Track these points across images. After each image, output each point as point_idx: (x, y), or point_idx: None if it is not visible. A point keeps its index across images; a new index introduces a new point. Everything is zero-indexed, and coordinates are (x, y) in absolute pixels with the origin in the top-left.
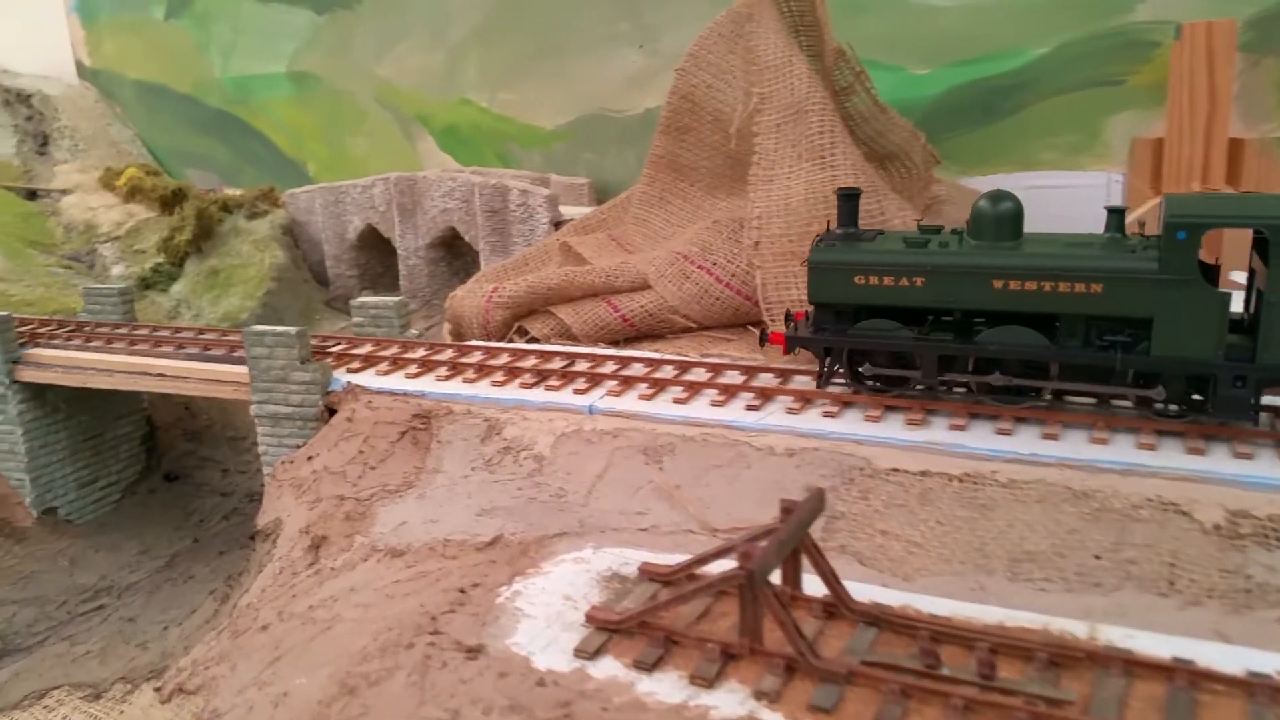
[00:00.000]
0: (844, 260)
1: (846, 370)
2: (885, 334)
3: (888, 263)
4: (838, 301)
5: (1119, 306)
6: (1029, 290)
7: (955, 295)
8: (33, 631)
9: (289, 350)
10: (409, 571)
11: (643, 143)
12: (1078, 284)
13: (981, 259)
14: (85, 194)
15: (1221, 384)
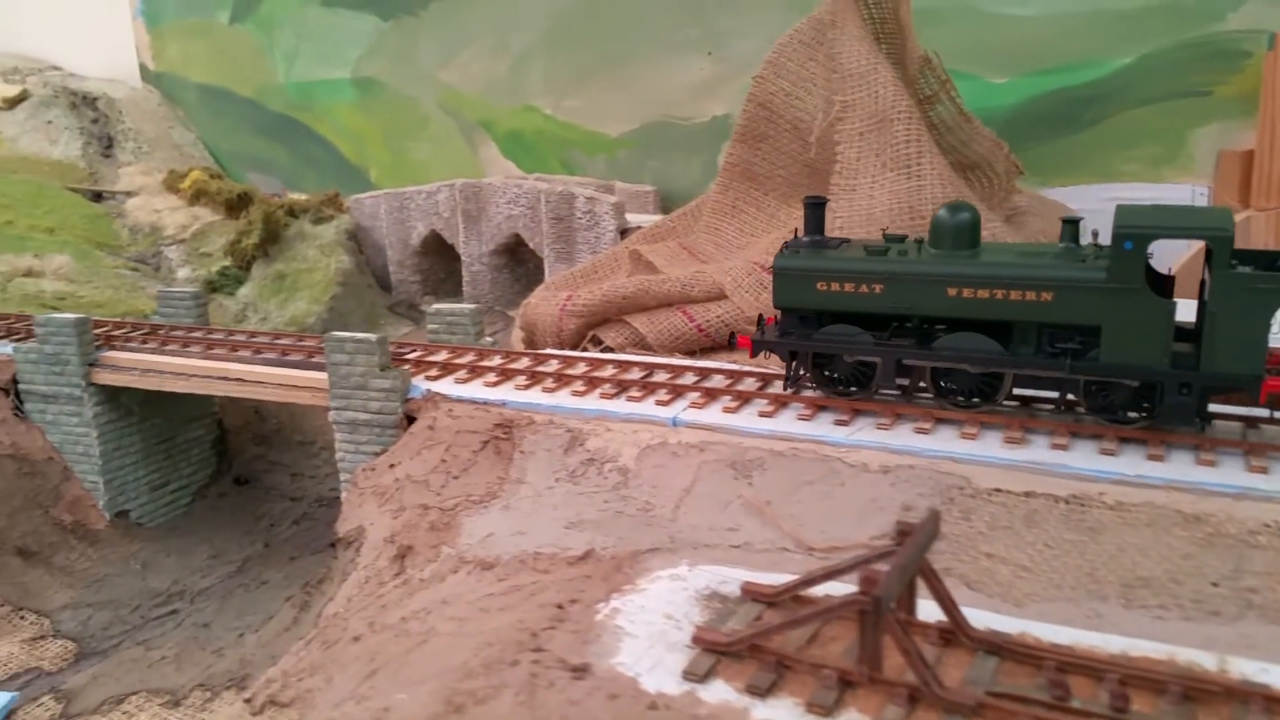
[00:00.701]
0: (807, 267)
1: (810, 373)
2: (847, 339)
3: (848, 269)
4: (802, 306)
5: (1068, 314)
6: (982, 298)
7: (912, 302)
8: (107, 635)
9: (369, 357)
10: (501, 585)
11: (709, 150)
12: (1029, 292)
13: (936, 267)
14: (150, 196)
15: (1168, 391)
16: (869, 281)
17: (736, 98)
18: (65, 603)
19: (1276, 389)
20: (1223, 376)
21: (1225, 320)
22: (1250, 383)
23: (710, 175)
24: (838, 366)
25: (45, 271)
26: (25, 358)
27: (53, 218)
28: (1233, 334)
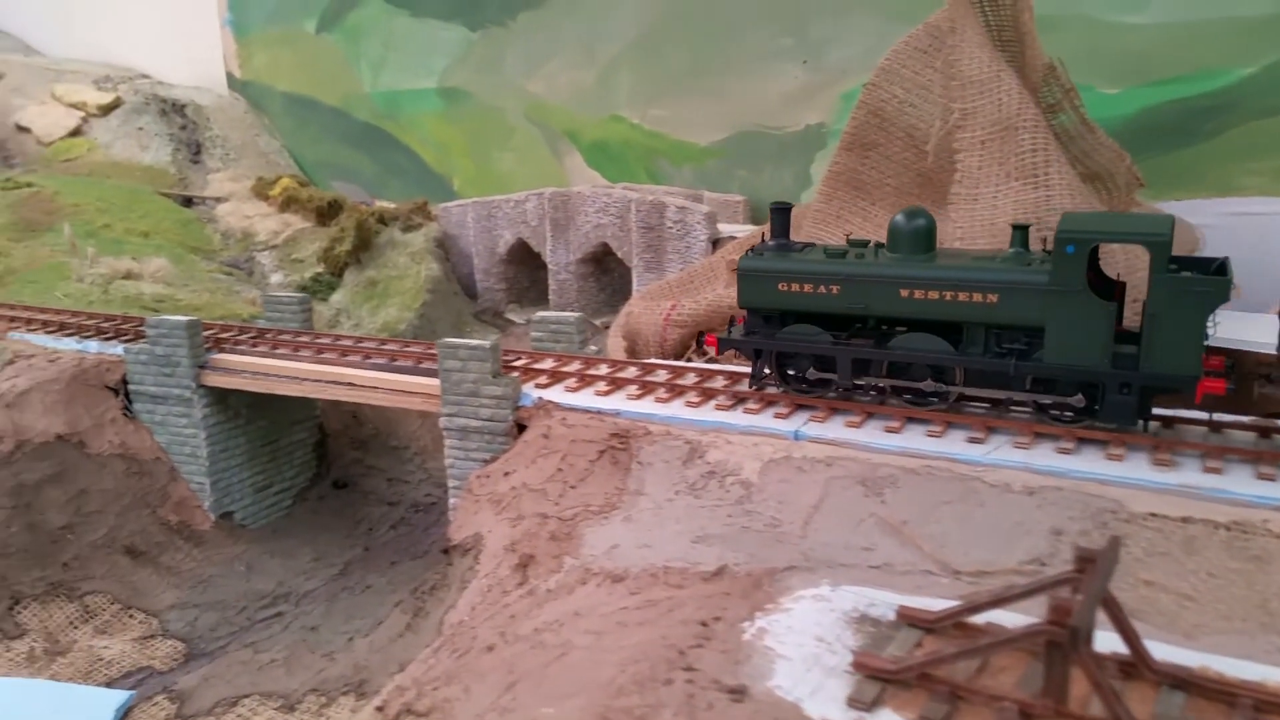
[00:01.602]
0: (769, 268)
1: (775, 371)
2: (807, 338)
3: (807, 271)
4: (765, 307)
5: (1013, 315)
6: (933, 299)
7: (867, 302)
8: (215, 636)
9: (482, 364)
10: (635, 599)
11: (801, 160)
12: (975, 294)
13: (889, 269)
14: (240, 202)
15: (1109, 390)
16: (827, 283)
17: (832, 106)
18: (173, 602)
19: (1212, 389)
20: (1161, 377)
21: (1163, 322)
22: (1187, 383)
23: (803, 185)
24: (799, 365)
25: (144, 274)
26: (135, 359)
27: (147, 222)
28: (1170, 335)
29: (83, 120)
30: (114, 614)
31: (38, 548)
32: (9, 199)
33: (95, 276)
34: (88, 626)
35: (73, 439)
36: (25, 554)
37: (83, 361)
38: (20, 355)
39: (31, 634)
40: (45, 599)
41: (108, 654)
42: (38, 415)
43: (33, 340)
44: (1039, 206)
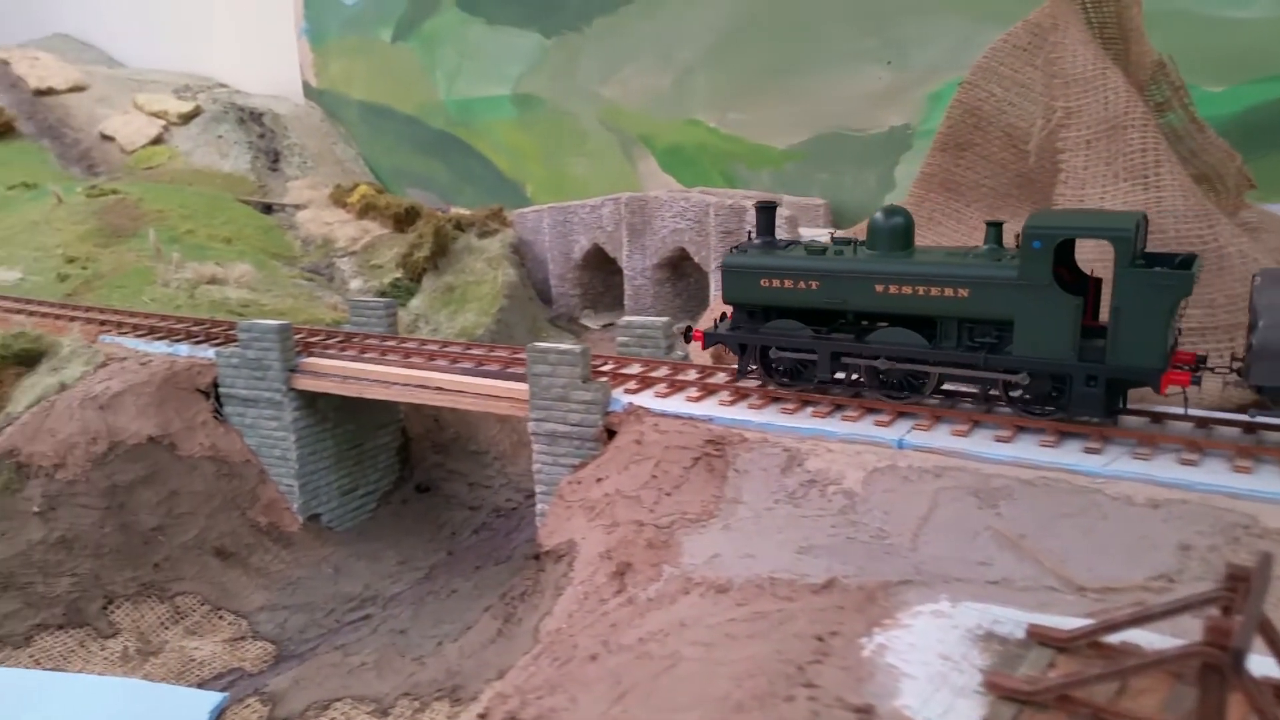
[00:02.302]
0: (752, 264)
1: (759, 365)
2: (789, 333)
3: (787, 267)
4: (748, 302)
5: (983, 309)
6: (907, 294)
7: (844, 297)
8: (304, 638)
9: (571, 369)
10: (742, 610)
11: (885, 162)
12: (947, 288)
13: (864, 264)
14: (318, 209)
15: (1076, 382)
16: (806, 278)
17: (918, 107)
18: (262, 604)
19: (1177, 381)
20: (1127, 369)
21: (1128, 315)
22: (1151, 375)
23: (886, 187)
24: (782, 358)
25: (228, 279)
26: (227, 362)
27: (229, 228)
28: (1135, 328)
29: (164, 129)
30: (204, 615)
31: (130, 548)
32: (95, 206)
33: (181, 281)
34: (178, 627)
35: (164, 441)
36: (118, 554)
37: (174, 365)
38: (112, 358)
39: (124, 634)
40: (137, 599)
41: (199, 655)
42: (130, 417)
43: (124, 343)
44: (1149, 208)
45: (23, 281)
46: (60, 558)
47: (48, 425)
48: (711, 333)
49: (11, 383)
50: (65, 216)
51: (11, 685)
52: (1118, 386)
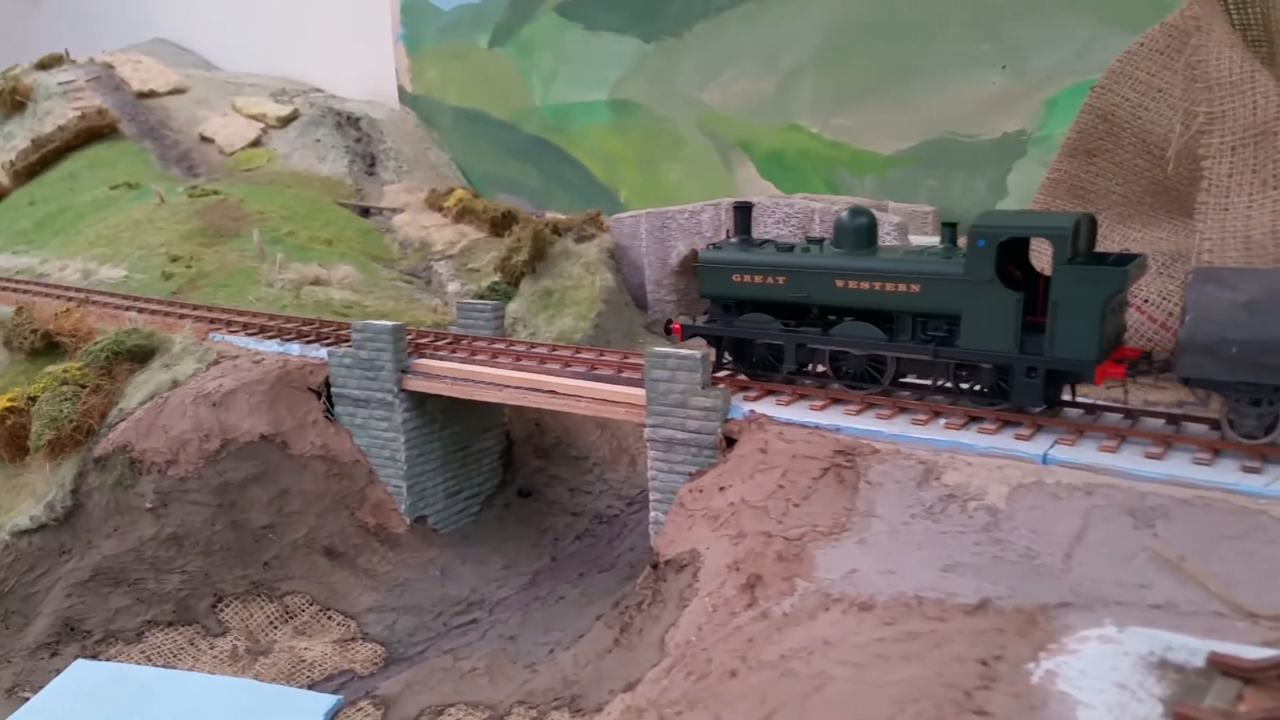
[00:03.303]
0: (725, 260)
1: (733, 357)
2: (760, 326)
3: (756, 262)
4: (722, 296)
5: (933, 304)
6: (865, 289)
7: (808, 292)
8: (413, 641)
9: (691, 374)
10: (891, 630)
11: (997, 169)
12: (900, 284)
13: (825, 260)
14: (415, 213)
15: (1017, 374)
16: (774, 274)
17: (1034, 113)
18: (370, 605)
19: (1111, 374)
20: (1064, 361)
21: (1064, 309)
22: (1086, 367)
23: (998, 195)
24: (754, 350)
25: (331, 280)
26: (340, 362)
27: (329, 230)
28: (1071, 322)
29: (262, 131)
30: (313, 615)
31: (241, 546)
32: (196, 206)
33: (285, 281)
34: (287, 627)
35: (276, 439)
36: (228, 552)
37: (287, 363)
38: (224, 356)
39: (233, 632)
40: (246, 598)
41: (309, 655)
42: (243, 415)
43: (234, 341)
44: None
45: (128, 279)
46: (171, 554)
47: (161, 421)
48: (689, 325)
49: (124, 379)
50: (168, 216)
51: (129, 681)
52: (1057, 378)
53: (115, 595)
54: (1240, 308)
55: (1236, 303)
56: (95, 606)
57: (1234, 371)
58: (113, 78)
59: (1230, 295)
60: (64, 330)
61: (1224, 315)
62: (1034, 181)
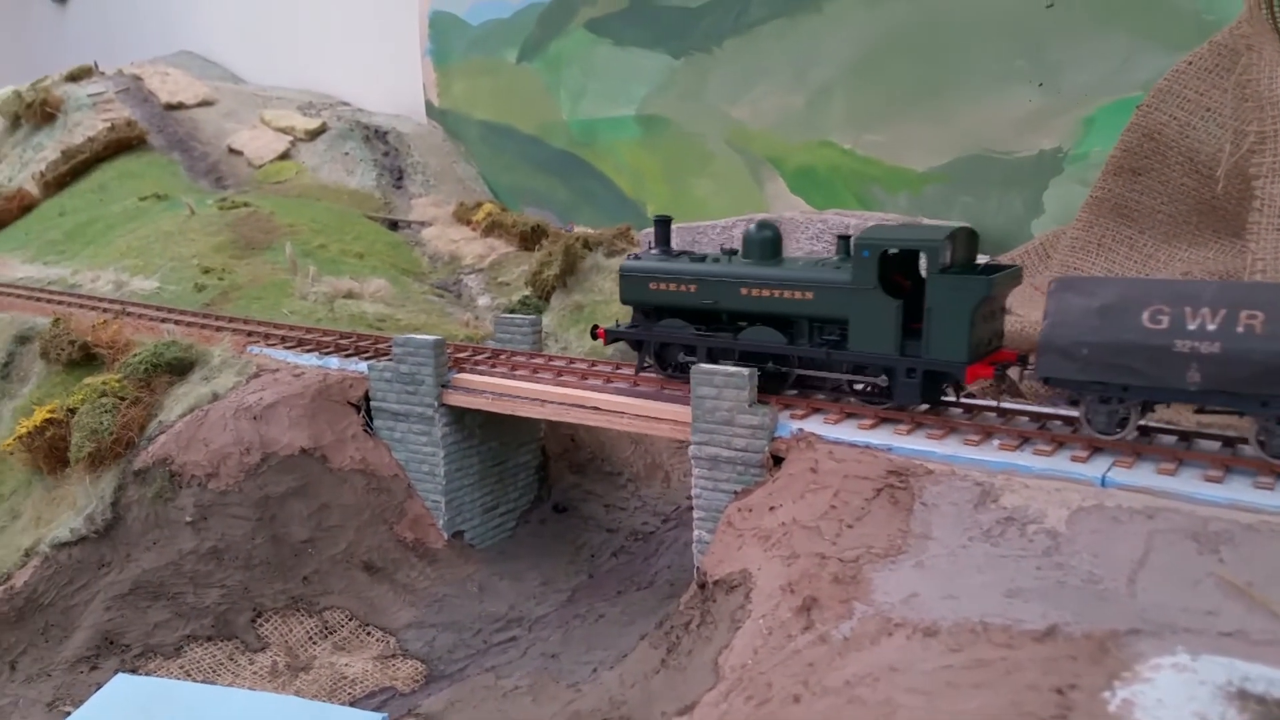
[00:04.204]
0: (642, 269)
1: (654, 361)
2: (675, 331)
3: (670, 271)
4: (641, 303)
5: (825, 310)
6: (767, 296)
7: (716, 299)
8: (453, 658)
9: (738, 391)
10: (959, 657)
11: (1033, 186)
12: (796, 292)
13: (732, 269)
14: (444, 227)
15: (898, 375)
16: (685, 282)
17: (1071, 131)
18: (409, 621)
19: (981, 374)
20: (938, 362)
21: (937, 315)
22: (958, 368)
23: (1034, 212)
24: (671, 354)
25: (364, 294)
26: (380, 376)
27: (360, 244)
28: (943, 327)
29: (291, 144)
30: (352, 630)
31: (280, 560)
32: (227, 218)
33: (318, 295)
34: (327, 642)
35: (316, 453)
36: (268, 566)
37: (327, 377)
38: (264, 369)
39: (273, 647)
40: (286, 612)
41: (350, 672)
42: (283, 429)
43: (272, 354)
44: None
45: (160, 291)
46: (210, 568)
47: (201, 435)
48: (612, 330)
49: (163, 391)
50: (198, 228)
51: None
52: (933, 378)
53: (154, 609)
54: (1094, 313)
55: (1090, 309)
56: (134, 620)
57: (1086, 371)
58: (141, 89)
59: (1086, 302)
60: (101, 342)
61: (1078, 320)
62: (1071, 199)
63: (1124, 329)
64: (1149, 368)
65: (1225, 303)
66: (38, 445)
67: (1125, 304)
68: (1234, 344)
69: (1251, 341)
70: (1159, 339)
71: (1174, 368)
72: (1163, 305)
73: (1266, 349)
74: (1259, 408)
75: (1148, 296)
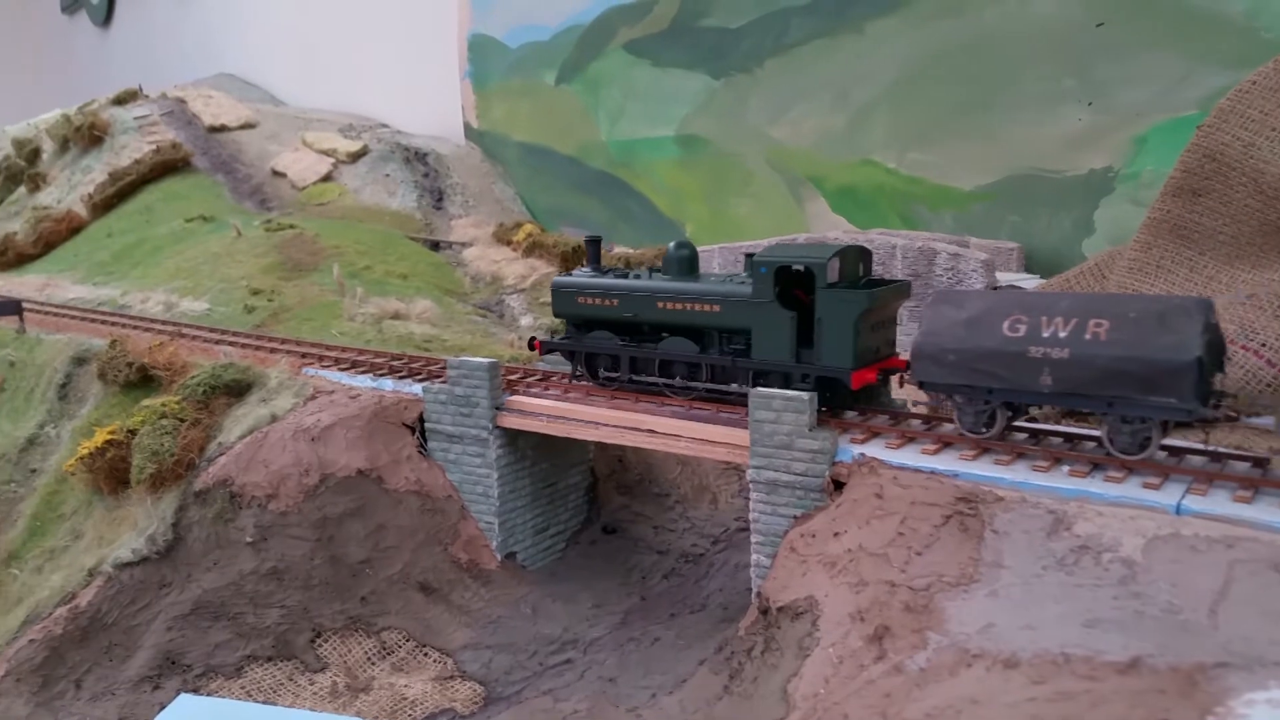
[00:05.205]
0: (571, 284)
1: (585, 369)
2: (602, 341)
3: (595, 286)
4: (572, 315)
5: (731, 321)
6: (680, 309)
7: (635, 312)
8: (510, 680)
9: (798, 415)
10: (1042, 689)
11: (1083, 206)
12: (705, 304)
13: (648, 285)
14: (484, 247)
15: (794, 380)
16: (608, 296)
17: (1122, 150)
18: (465, 642)
19: (866, 379)
20: (828, 368)
21: (826, 326)
22: (844, 374)
23: (1084, 232)
24: (599, 362)
25: (410, 315)
26: (435, 398)
27: (404, 264)
28: (832, 336)
29: (333, 166)
30: (409, 651)
31: (338, 581)
32: (274, 240)
33: (365, 316)
34: (385, 663)
35: (372, 474)
36: (327, 587)
37: (382, 399)
38: (320, 391)
39: (332, 668)
40: (344, 633)
41: (410, 693)
42: (340, 450)
43: (327, 376)
44: None
45: (211, 312)
46: (270, 589)
47: (260, 456)
48: (547, 341)
49: (221, 412)
50: (246, 249)
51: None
52: (825, 384)
53: (215, 629)
54: (961, 324)
55: (959, 319)
56: (195, 640)
57: (953, 376)
58: (185, 112)
59: (956, 313)
60: (159, 363)
61: (947, 330)
62: (1122, 218)
63: (986, 337)
64: (1007, 372)
65: (1077, 313)
66: (99, 466)
67: (989, 314)
68: (1081, 349)
69: (1096, 347)
70: (1016, 346)
71: (1029, 372)
72: (1022, 315)
73: (1109, 354)
74: (1106, 408)
75: (1009, 308)
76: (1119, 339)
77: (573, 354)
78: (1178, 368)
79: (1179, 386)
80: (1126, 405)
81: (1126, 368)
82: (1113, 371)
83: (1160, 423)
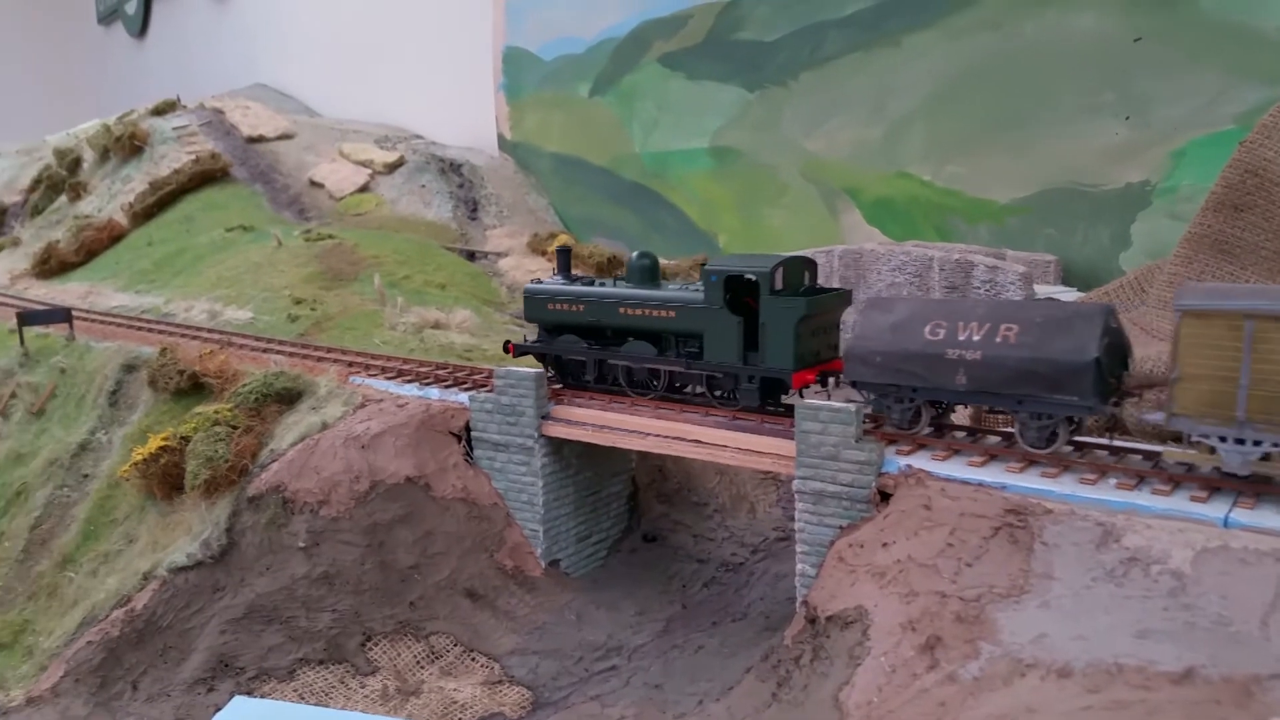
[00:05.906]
0: (541, 291)
1: (555, 370)
2: (570, 345)
3: (563, 292)
4: (542, 320)
5: (685, 326)
6: (639, 314)
7: (598, 317)
8: (557, 685)
9: (844, 427)
10: (1097, 698)
11: (1120, 219)
12: (661, 310)
13: (610, 291)
14: (519, 257)
15: (741, 381)
16: (574, 302)
17: (1160, 164)
18: (512, 648)
19: (806, 380)
20: (771, 370)
21: (769, 330)
22: (786, 375)
23: (1120, 245)
24: (568, 365)
25: (450, 324)
26: (481, 407)
27: (442, 274)
28: (775, 340)
29: (370, 177)
30: (457, 656)
31: (388, 586)
32: (314, 249)
33: (406, 325)
34: (434, 667)
35: (420, 481)
36: (377, 591)
37: (430, 407)
38: (369, 399)
39: (382, 671)
40: (394, 637)
41: (459, 697)
42: (389, 458)
43: (374, 385)
44: None
45: (254, 321)
46: (322, 593)
47: (312, 463)
48: (520, 345)
49: (273, 420)
50: (287, 259)
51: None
52: (769, 384)
53: (268, 633)
54: (887, 328)
55: (885, 324)
56: (249, 643)
57: (880, 375)
58: (223, 123)
59: (884, 318)
60: (209, 371)
61: (875, 334)
62: (1160, 232)
63: (909, 340)
64: (927, 372)
65: (990, 318)
66: (152, 472)
67: (912, 319)
68: (992, 351)
69: (1006, 350)
70: (934, 348)
71: (946, 372)
72: (942, 320)
73: (1017, 355)
74: (1016, 405)
75: (931, 313)
76: (1026, 342)
77: (544, 356)
78: (1078, 368)
79: (1080, 385)
80: (1035, 403)
81: (1033, 368)
82: (1021, 372)
83: (1065, 419)
